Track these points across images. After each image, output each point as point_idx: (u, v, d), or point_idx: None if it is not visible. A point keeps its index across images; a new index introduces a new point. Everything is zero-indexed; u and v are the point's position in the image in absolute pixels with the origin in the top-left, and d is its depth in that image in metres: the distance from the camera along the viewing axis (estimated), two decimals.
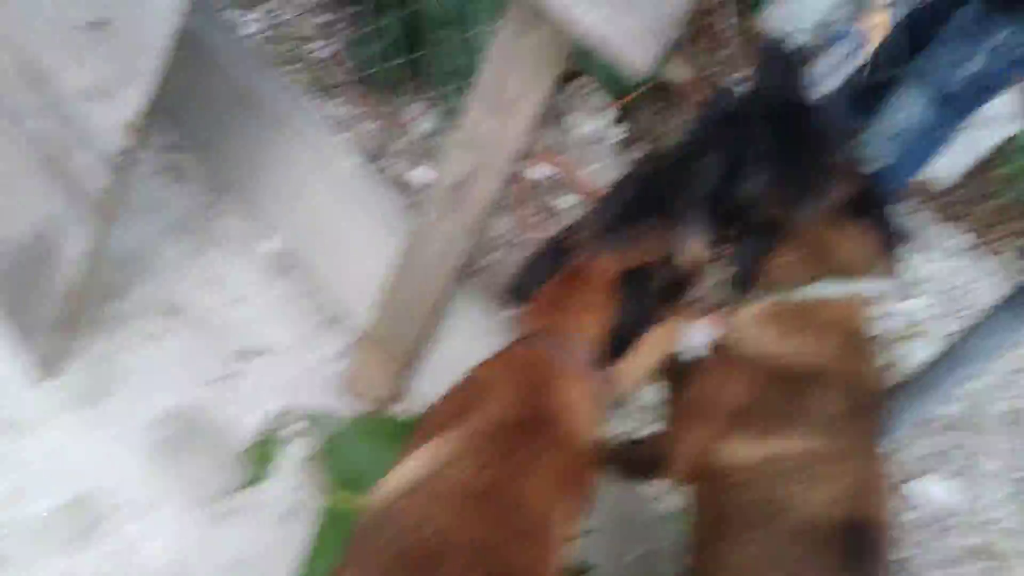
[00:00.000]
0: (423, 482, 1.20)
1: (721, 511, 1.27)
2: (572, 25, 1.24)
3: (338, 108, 2.73)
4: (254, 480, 1.91)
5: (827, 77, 1.79)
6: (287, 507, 1.92)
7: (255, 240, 2.36)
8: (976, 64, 1.64)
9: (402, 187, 2.49)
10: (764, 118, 1.30)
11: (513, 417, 1.26)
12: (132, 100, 1.51)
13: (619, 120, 3.21)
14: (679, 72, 3.62)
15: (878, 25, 2.06)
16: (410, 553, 1.11)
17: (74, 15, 1.56)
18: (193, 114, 2.40)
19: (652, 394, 1.63)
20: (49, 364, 1.85)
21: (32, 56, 1.63)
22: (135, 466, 1.86)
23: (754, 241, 1.31)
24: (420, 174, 2.55)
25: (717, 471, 1.28)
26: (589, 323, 1.35)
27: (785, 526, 1.18)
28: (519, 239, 2.56)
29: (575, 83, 3.23)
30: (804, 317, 1.29)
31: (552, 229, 2.19)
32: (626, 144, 3.28)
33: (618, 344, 1.34)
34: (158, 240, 2.24)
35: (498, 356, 1.40)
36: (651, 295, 1.32)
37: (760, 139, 1.28)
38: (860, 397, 1.24)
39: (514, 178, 2.71)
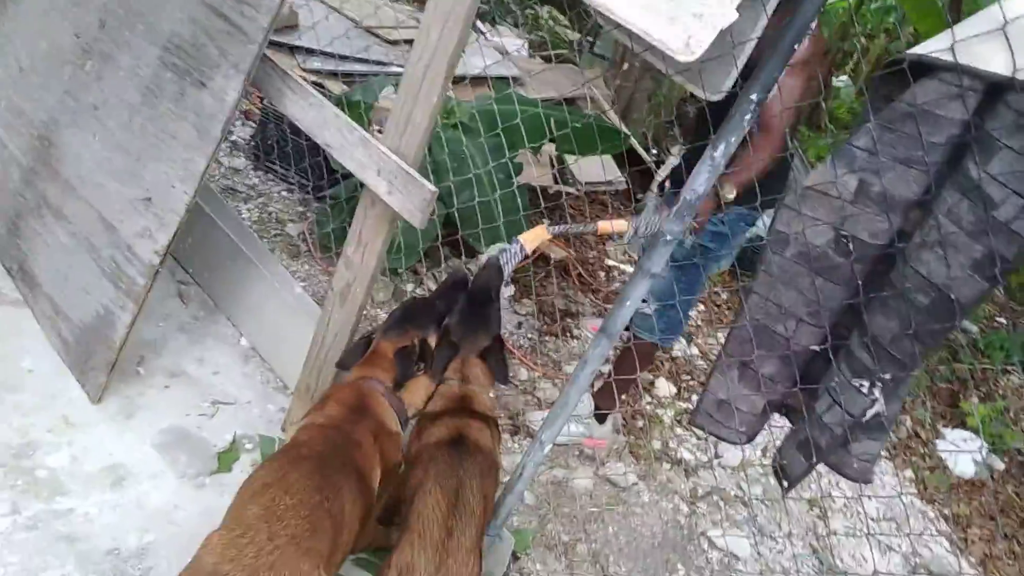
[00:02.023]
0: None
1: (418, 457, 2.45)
2: (391, 206, 2.44)
3: (303, 266, 4.04)
4: (222, 470, 2.92)
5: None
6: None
7: (235, 338, 3.51)
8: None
9: None
10: (467, 294, 2.70)
11: (349, 406, 2.42)
12: (162, 239, 2.70)
13: (509, 283, 4.57)
14: (556, 250, 4.90)
15: (618, 230, 2.57)
16: (293, 454, 2.20)
17: (132, 194, 2.77)
18: (198, 260, 3.62)
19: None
20: (95, 395, 2.92)
21: (107, 214, 2.83)
22: (148, 452, 2.86)
23: (444, 351, 2.61)
24: None
25: (418, 450, 2.48)
26: (385, 373, 2.54)
27: (431, 444, 2.41)
28: None
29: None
30: (440, 391, 2.61)
31: None
32: (515, 299, 4.65)
33: (399, 384, 2.55)
34: (170, 334, 3.39)
35: (343, 384, 2.59)
36: (413, 360, 2.56)
37: (463, 303, 2.68)
38: (456, 411, 2.52)
39: None
